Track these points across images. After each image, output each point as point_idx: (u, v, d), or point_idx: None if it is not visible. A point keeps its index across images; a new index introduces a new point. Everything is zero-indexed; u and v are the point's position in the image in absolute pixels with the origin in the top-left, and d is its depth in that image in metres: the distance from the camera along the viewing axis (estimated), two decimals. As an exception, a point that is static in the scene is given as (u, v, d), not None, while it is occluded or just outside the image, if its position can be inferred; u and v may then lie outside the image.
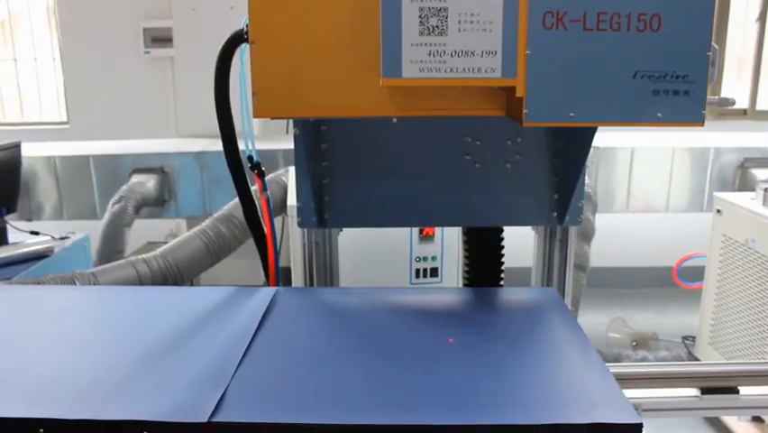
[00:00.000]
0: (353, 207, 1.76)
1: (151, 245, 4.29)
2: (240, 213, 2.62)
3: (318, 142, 1.71)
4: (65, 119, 5.39)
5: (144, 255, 2.73)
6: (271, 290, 1.67)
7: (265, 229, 1.78)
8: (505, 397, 1.15)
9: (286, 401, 1.14)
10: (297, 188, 1.75)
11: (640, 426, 1.04)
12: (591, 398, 1.14)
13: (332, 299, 1.62)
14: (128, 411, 1.07)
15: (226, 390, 1.15)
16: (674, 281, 3.77)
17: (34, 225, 3.43)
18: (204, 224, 2.97)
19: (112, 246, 3.70)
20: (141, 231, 4.28)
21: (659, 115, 1.26)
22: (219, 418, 1.07)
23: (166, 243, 4.48)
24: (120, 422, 1.06)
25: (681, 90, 1.27)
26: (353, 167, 1.74)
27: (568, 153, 1.70)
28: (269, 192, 1.76)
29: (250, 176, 1.73)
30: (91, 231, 3.72)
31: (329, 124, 1.70)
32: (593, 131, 1.52)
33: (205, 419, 1.06)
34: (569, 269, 1.91)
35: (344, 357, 1.30)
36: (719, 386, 1.72)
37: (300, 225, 1.78)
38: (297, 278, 2.50)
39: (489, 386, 1.17)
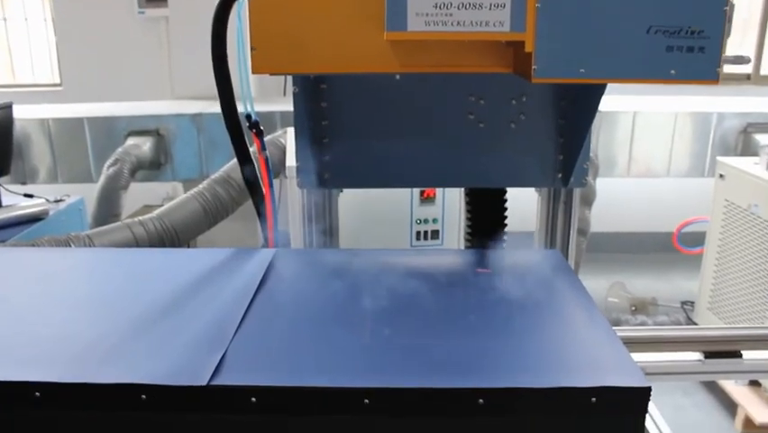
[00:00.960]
0: (354, 167, 1.73)
1: (148, 209, 4.25)
2: (237, 174, 2.57)
3: (318, 101, 1.66)
4: (58, 81, 5.30)
5: (141, 217, 2.69)
6: (270, 251, 1.64)
7: (264, 190, 1.75)
8: (510, 360, 1.13)
9: (286, 364, 1.12)
10: (297, 148, 1.71)
11: (648, 390, 1.02)
12: (599, 361, 1.11)
13: (332, 261, 1.59)
14: (125, 374, 1.05)
15: (225, 352, 1.12)
16: (674, 247, 3.76)
17: (29, 189, 3.38)
18: (201, 186, 2.93)
19: (108, 210, 3.66)
20: (138, 194, 4.23)
21: (672, 71, 1.22)
22: (218, 381, 1.04)
23: (162, 206, 4.47)
24: (117, 385, 1.03)
25: (695, 47, 1.22)
26: (354, 126, 1.69)
27: (574, 114, 1.66)
28: (267, 152, 1.72)
29: (248, 136, 1.69)
30: (86, 194, 3.68)
31: (329, 81, 1.65)
32: (602, 90, 1.47)
33: (205, 382, 1.03)
34: (572, 232, 1.88)
35: (345, 320, 1.27)
36: (722, 350, 1.70)
37: (299, 185, 1.75)
38: (297, 240, 2.46)
39: (494, 349, 1.15)
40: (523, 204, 2.00)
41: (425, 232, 2.51)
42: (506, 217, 1.82)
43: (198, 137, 4.06)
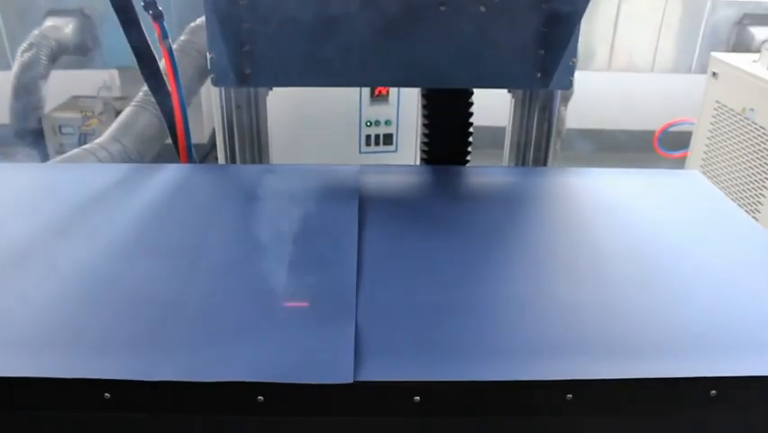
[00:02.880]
0: (282, 60, 1.37)
1: (77, 100, 3.83)
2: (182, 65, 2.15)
3: (231, -29, 1.28)
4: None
5: (99, 141, 2.28)
6: (178, 168, 1.32)
7: (169, 87, 1.39)
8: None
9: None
10: (208, 36, 1.34)
11: None
12: None
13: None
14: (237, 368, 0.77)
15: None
16: (654, 149, 3.47)
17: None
18: (141, 93, 2.47)
19: (26, 101, 3.23)
20: (64, 84, 3.77)
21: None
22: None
23: (96, 97, 4.01)
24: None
25: None
26: (281, 6, 1.32)
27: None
28: (170, 40, 1.35)
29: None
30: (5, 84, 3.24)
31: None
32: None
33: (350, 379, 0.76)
34: (552, 143, 1.57)
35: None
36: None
37: (214, 82, 1.39)
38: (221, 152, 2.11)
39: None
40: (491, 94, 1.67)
41: (377, 136, 2.16)
42: (471, 125, 1.50)
43: (130, 18, 3.57)
